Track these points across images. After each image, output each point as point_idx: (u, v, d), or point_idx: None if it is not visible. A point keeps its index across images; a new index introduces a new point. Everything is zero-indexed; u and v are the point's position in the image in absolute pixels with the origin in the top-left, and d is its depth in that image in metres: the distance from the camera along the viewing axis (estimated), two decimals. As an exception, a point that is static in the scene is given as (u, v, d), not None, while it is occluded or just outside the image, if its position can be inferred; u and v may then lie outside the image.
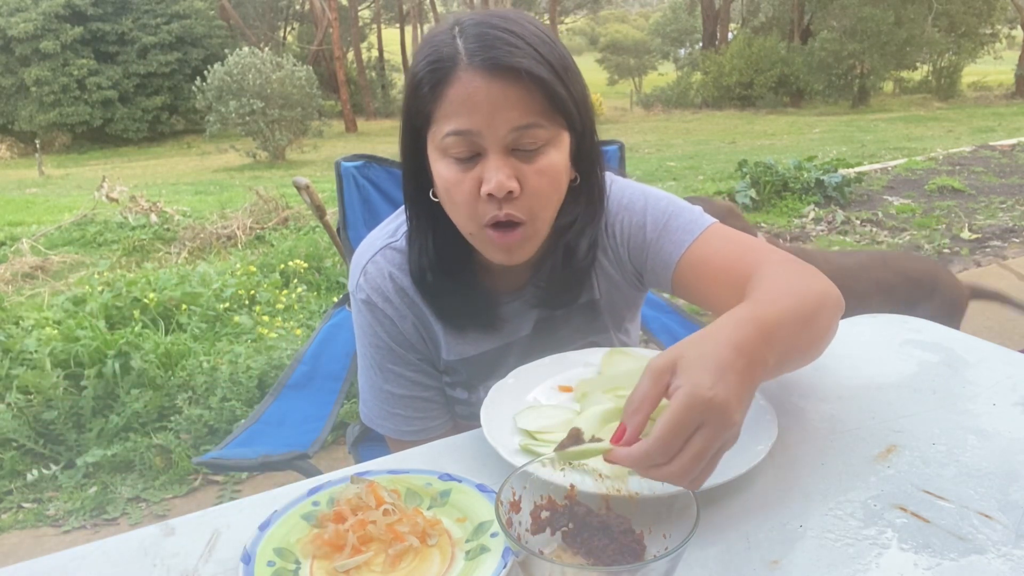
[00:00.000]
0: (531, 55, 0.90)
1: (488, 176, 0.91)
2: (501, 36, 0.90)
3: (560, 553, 0.66)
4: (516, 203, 0.93)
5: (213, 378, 2.98)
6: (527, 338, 1.12)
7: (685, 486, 0.65)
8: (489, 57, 0.88)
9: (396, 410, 1.11)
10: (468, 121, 0.90)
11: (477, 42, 0.89)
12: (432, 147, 0.94)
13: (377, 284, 1.06)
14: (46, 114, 19.44)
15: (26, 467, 2.66)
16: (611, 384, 0.94)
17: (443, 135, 0.91)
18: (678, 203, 1.08)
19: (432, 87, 0.91)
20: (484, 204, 0.93)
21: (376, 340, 1.08)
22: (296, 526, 0.74)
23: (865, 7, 19.34)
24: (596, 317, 1.14)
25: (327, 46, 23.55)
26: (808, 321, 0.86)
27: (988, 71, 25.34)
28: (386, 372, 1.10)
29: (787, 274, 0.93)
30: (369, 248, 1.09)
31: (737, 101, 21.20)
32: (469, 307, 1.07)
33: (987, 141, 9.85)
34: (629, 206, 1.08)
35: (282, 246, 4.88)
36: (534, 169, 0.92)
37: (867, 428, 0.90)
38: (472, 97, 0.89)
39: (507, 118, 0.89)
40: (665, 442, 0.63)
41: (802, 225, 5.79)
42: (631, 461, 0.65)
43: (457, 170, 0.92)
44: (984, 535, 0.71)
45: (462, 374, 1.12)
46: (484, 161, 0.91)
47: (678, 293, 1.07)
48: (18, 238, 5.93)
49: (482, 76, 0.89)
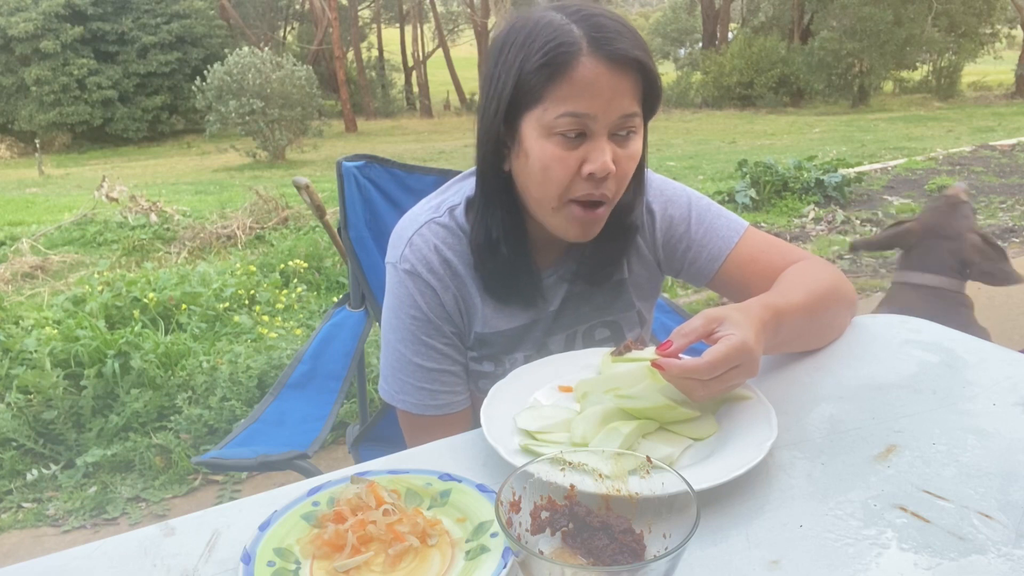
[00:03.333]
0: (643, 49, 0.98)
1: (594, 157, 0.97)
2: (618, 27, 0.98)
3: (560, 553, 0.66)
4: (608, 183, 1.00)
5: (213, 378, 2.98)
6: (554, 313, 1.17)
7: (694, 397, 0.85)
8: (614, 49, 0.95)
9: (422, 384, 1.13)
10: (588, 105, 0.96)
11: (599, 32, 0.96)
12: (535, 124, 0.99)
13: (424, 255, 1.09)
14: (46, 114, 19.43)
15: (26, 467, 2.67)
16: (611, 384, 0.94)
17: (557, 115, 0.96)
18: (717, 204, 1.20)
19: (553, 69, 0.96)
20: (581, 181, 0.99)
21: (415, 311, 1.10)
22: (296, 526, 0.74)
23: (865, 7, 19.31)
24: (621, 295, 1.20)
25: (327, 46, 23.55)
26: (814, 312, 1.03)
27: (988, 71, 25.32)
28: (418, 345, 1.12)
29: (805, 272, 1.09)
30: (414, 222, 1.13)
31: (737, 101, 21.19)
32: (518, 281, 1.12)
33: (987, 141, 9.85)
34: (674, 198, 1.18)
35: (282, 246, 4.88)
36: (626, 154, 1.01)
37: (867, 428, 0.90)
38: (595, 83, 0.95)
39: (620, 105, 0.97)
40: (712, 366, 0.82)
41: (802, 225, 5.79)
42: (680, 368, 0.83)
43: (562, 148, 0.98)
44: (984, 535, 0.71)
45: (492, 347, 1.15)
46: (589, 143, 0.98)
47: (716, 286, 1.17)
48: (18, 238, 5.94)
49: (605, 64, 0.95)
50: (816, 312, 1.04)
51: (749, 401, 0.91)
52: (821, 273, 1.09)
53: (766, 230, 5.52)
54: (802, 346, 1.08)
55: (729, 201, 6.35)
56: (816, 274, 1.09)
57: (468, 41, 32.73)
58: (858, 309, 1.19)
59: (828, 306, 1.07)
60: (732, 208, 6.13)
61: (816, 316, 1.04)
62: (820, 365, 1.06)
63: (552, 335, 1.18)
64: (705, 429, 0.87)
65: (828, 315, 1.08)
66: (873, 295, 4.21)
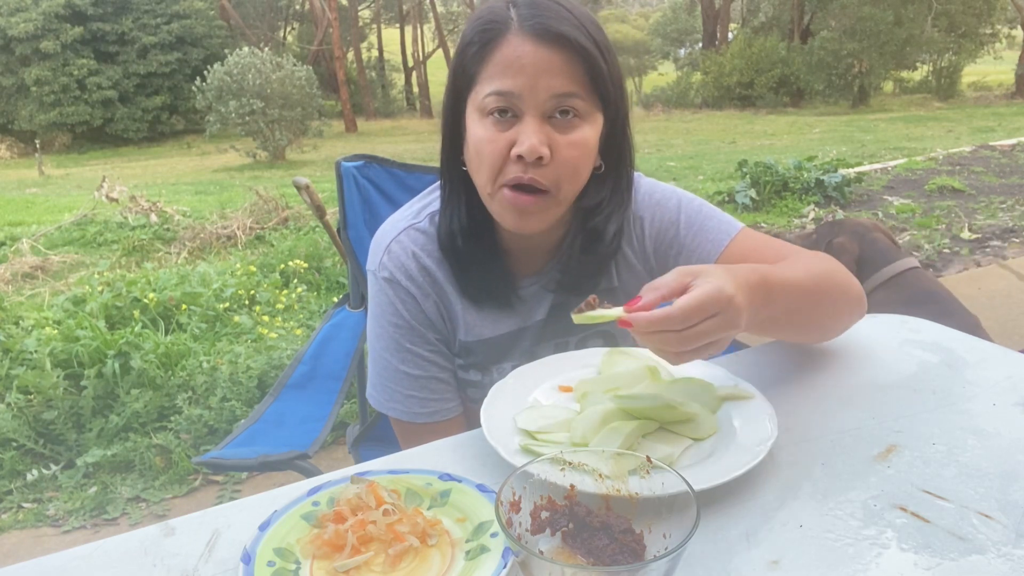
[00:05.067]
0: (579, 28, 0.94)
1: (522, 139, 0.93)
2: (553, 7, 0.94)
3: (560, 553, 0.66)
4: (543, 170, 0.95)
5: (213, 378, 2.98)
6: (541, 323, 1.13)
7: (671, 358, 0.78)
8: (539, 23, 0.92)
9: (411, 392, 1.11)
10: (512, 83, 0.92)
11: (529, 9, 0.94)
12: (472, 108, 0.97)
13: (401, 262, 1.08)
14: (46, 114, 19.45)
15: (26, 467, 2.66)
16: (611, 384, 0.94)
17: (485, 94, 0.94)
18: (709, 205, 1.14)
19: (480, 47, 0.95)
20: (511, 164, 0.95)
21: (396, 319, 1.09)
22: (296, 526, 0.74)
23: (865, 7, 19.32)
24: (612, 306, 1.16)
25: (327, 46, 23.55)
26: (813, 296, 0.95)
27: (988, 71, 25.33)
28: (403, 352, 1.10)
29: (808, 258, 1.02)
30: (392, 228, 1.11)
31: (737, 101, 21.20)
32: (490, 282, 1.09)
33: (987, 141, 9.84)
34: (662, 202, 1.12)
35: (282, 246, 4.88)
36: (567, 140, 0.95)
37: (867, 428, 0.90)
38: (519, 60, 0.92)
39: (549, 84, 0.92)
40: (685, 314, 0.74)
41: (802, 225, 5.79)
42: (649, 320, 0.75)
43: (492, 129, 0.95)
44: (984, 535, 0.71)
45: (477, 356, 1.13)
46: (519, 124, 0.94)
47: None
48: (18, 238, 5.94)
49: (531, 40, 0.92)
50: (816, 296, 0.97)
51: (749, 401, 0.91)
52: (826, 263, 1.03)
53: (766, 230, 5.54)
54: (800, 332, 1.03)
55: (729, 201, 6.35)
56: (821, 263, 1.03)
57: (468, 41, 32.66)
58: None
59: (830, 294, 1.00)
60: (732, 208, 6.12)
61: (816, 301, 0.97)
62: (820, 365, 1.06)
63: (541, 344, 1.14)
64: (705, 429, 0.87)
65: (829, 303, 1.01)
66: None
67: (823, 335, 1.07)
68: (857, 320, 1.09)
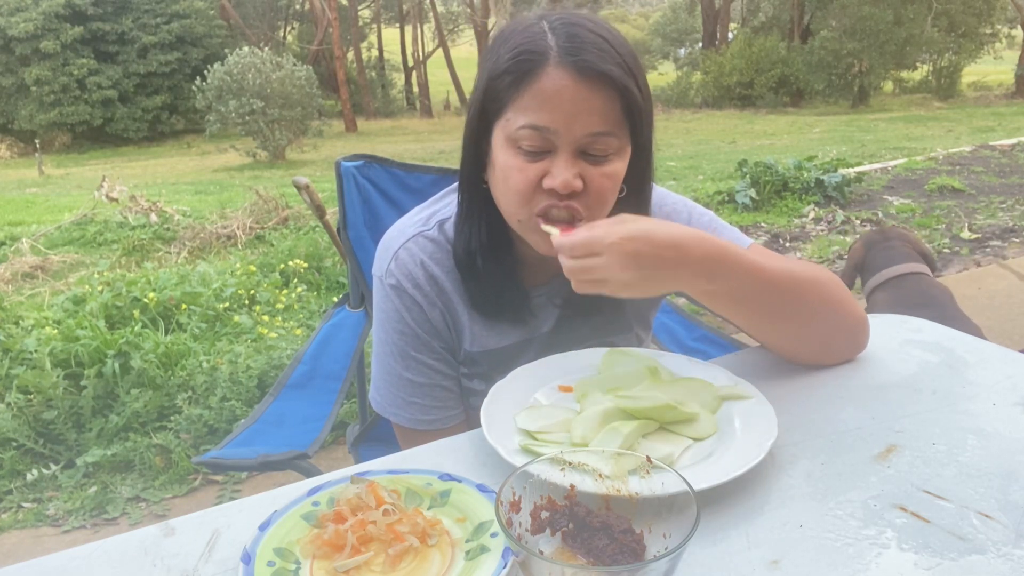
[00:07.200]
0: (620, 64, 0.91)
1: (556, 172, 0.92)
2: (594, 40, 0.91)
3: (560, 553, 0.66)
4: (579, 199, 0.94)
5: (213, 378, 2.98)
6: (547, 334, 1.13)
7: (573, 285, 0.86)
8: (582, 59, 0.89)
9: (414, 399, 1.11)
10: (548, 118, 0.90)
11: (571, 42, 0.90)
12: (500, 135, 0.95)
13: (409, 270, 1.06)
14: (46, 114, 19.44)
15: (26, 467, 2.66)
16: (611, 384, 0.94)
17: (518, 126, 0.91)
18: (720, 219, 1.13)
19: (517, 77, 0.91)
20: (541, 194, 0.94)
21: (401, 326, 1.08)
22: (296, 526, 0.74)
23: (865, 6, 19.31)
24: (618, 317, 1.16)
25: (327, 46, 23.54)
26: (778, 290, 0.95)
27: (988, 71, 25.32)
28: (407, 360, 1.09)
29: (802, 266, 1.00)
30: (401, 235, 1.09)
31: (737, 101, 21.19)
32: (504, 297, 1.08)
33: (987, 141, 9.84)
34: (672, 215, 1.11)
35: (282, 246, 4.88)
36: (599, 172, 0.94)
37: (867, 428, 0.90)
38: (558, 95, 0.89)
39: (587, 123, 0.90)
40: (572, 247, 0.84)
41: (802, 225, 5.79)
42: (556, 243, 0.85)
43: (523, 159, 0.93)
44: (984, 535, 0.71)
45: (482, 366, 1.13)
46: (553, 158, 0.92)
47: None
48: (18, 238, 5.94)
49: (571, 77, 0.89)
50: (786, 294, 0.95)
51: (749, 401, 0.91)
52: (820, 274, 1.01)
53: (766, 230, 5.53)
54: (756, 322, 1.00)
55: (729, 201, 6.34)
56: (812, 271, 1.00)
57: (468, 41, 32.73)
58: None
59: (806, 299, 0.97)
60: (732, 208, 6.13)
61: (784, 299, 0.95)
62: (820, 365, 1.06)
63: (546, 355, 1.10)
64: (705, 429, 0.87)
65: (802, 306, 0.98)
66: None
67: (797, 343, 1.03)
68: (856, 347, 1.07)
